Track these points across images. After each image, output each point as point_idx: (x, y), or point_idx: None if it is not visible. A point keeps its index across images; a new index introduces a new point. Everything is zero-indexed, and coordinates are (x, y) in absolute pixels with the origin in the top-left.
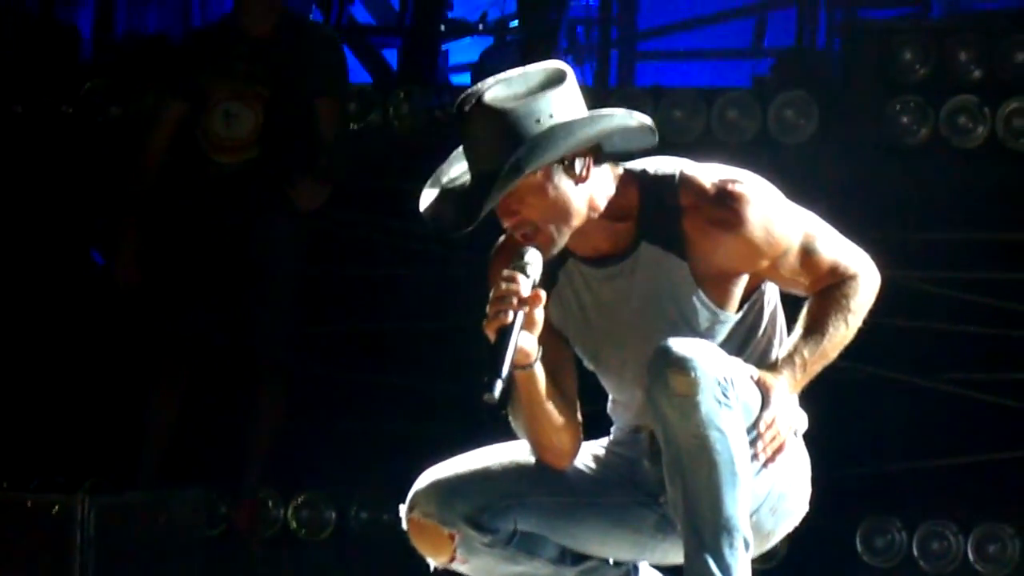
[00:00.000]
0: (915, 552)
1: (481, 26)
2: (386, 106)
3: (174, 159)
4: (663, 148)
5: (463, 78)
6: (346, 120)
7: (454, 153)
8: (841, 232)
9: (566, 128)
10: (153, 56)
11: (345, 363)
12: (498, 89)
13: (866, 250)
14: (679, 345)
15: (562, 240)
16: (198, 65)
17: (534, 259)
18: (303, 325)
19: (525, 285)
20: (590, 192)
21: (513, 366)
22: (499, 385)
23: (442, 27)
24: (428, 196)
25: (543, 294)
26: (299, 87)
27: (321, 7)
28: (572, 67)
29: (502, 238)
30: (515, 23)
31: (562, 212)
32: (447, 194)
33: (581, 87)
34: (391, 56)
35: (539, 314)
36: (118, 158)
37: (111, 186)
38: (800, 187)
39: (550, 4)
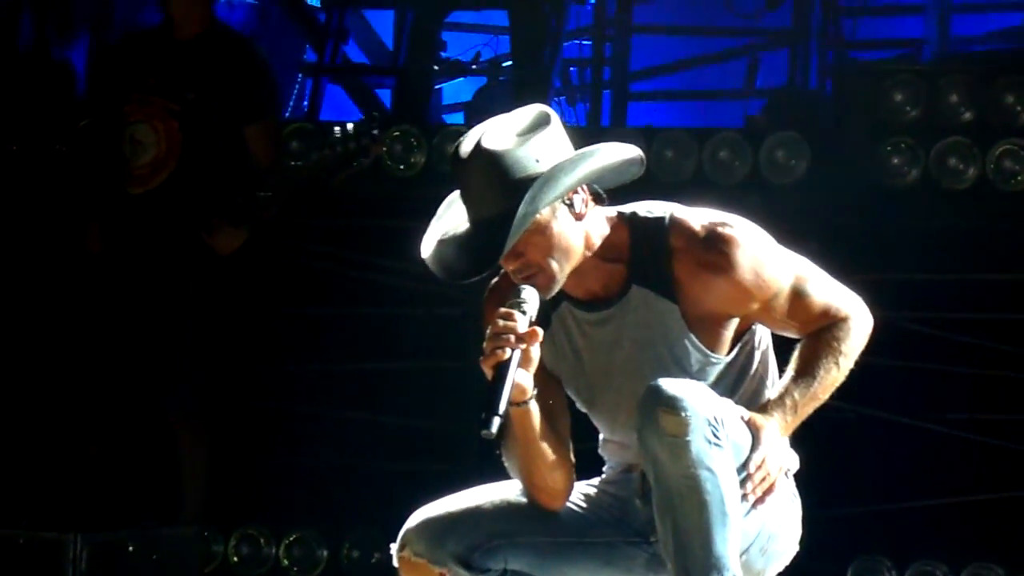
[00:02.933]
0: None
1: (474, 66)
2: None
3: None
4: (654, 188)
5: (456, 118)
6: (278, 146)
7: (449, 198)
8: (831, 273)
9: (569, 164)
10: None
11: (338, 402)
12: (492, 134)
13: (856, 291)
14: (670, 385)
15: (563, 279)
16: (116, 72)
17: (531, 297)
18: (293, 364)
19: (522, 322)
20: (587, 229)
21: (510, 402)
22: (496, 421)
23: (435, 67)
24: (429, 243)
25: (540, 331)
26: (222, 105)
27: (314, 46)
28: (565, 107)
29: (494, 281)
30: (508, 63)
31: (565, 250)
32: (450, 241)
33: (574, 127)
34: (385, 96)
35: (536, 351)
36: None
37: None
38: (791, 228)
39: (543, 45)
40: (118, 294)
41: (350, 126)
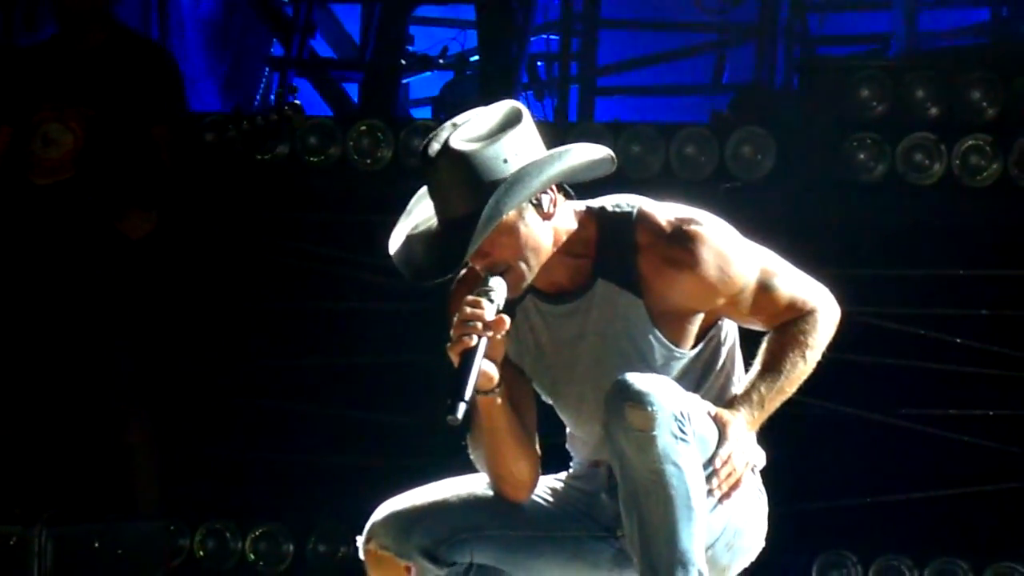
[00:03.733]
0: None
1: (442, 60)
2: (346, 140)
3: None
4: (622, 183)
5: (424, 112)
6: (182, 146)
7: (418, 194)
8: (798, 268)
9: (536, 167)
10: None
11: (303, 396)
12: (462, 133)
13: (816, 282)
14: (637, 380)
15: (531, 277)
16: (22, 86)
17: (498, 286)
18: (259, 358)
19: (489, 310)
20: (555, 227)
21: (476, 390)
22: (462, 407)
23: (403, 61)
24: (397, 241)
25: (507, 319)
26: (129, 108)
27: (281, 40)
28: (532, 102)
29: (462, 272)
30: (476, 58)
31: (533, 249)
32: (418, 238)
33: (541, 122)
34: (352, 90)
35: (502, 339)
36: None
37: None
38: (757, 223)
39: (510, 39)
40: (35, 286)
41: None
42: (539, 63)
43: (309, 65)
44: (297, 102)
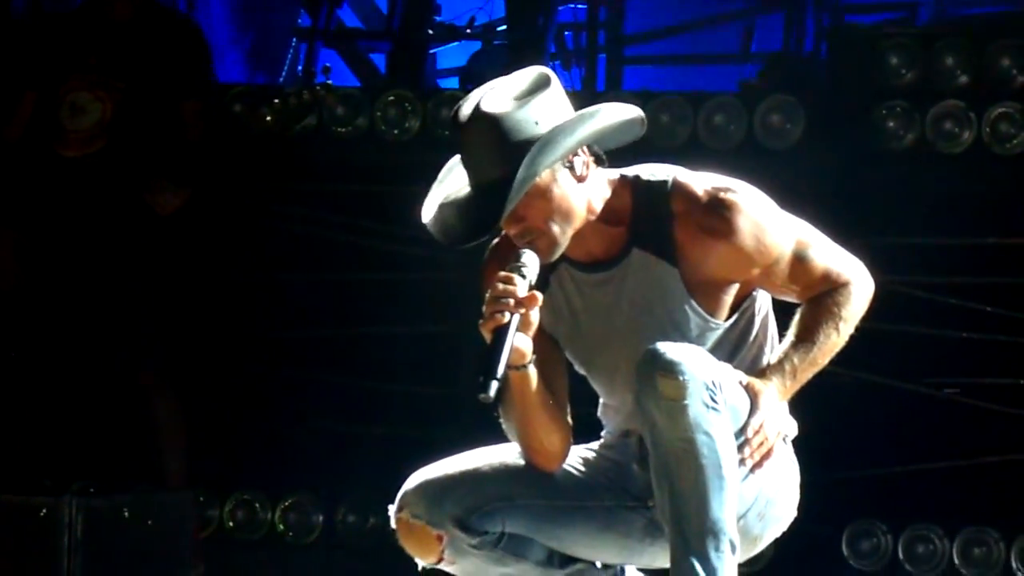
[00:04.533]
0: (901, 556)
1: (469, 30)
2: (374, 110)
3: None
4: (650, 152)
5: (451, 82)
6: (211, 122)
7: (450, 162)
8: (825, 236)
9: (568, 127)
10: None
11: (333, 367)
12: (492, 97)
13: (849, 252)
14: (668, 349)
15: (564, 242)
16: (51, 53)
17: (531, 261)
18: (288, 330)
19: (522, 286)
20: (588, 193)
21: (508, 366)
22: (495, 385)
23: (430, 31)
24: (430, 207)
25: (539, 296)
26: (159, 82)
27: (309, 11)
28: (560, 72)
29: (494, 242)
30: (503, 28)
31: (566, 213)
32: (451, 205)
33: (569, 92)
34: (379, 60)
35: (535, 315)
36: None
37: None
38: (786, 192)
39: (538, 9)
40: (62, 259)
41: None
42: (566, 32)
43: (336, 36)
44: (329, 81)
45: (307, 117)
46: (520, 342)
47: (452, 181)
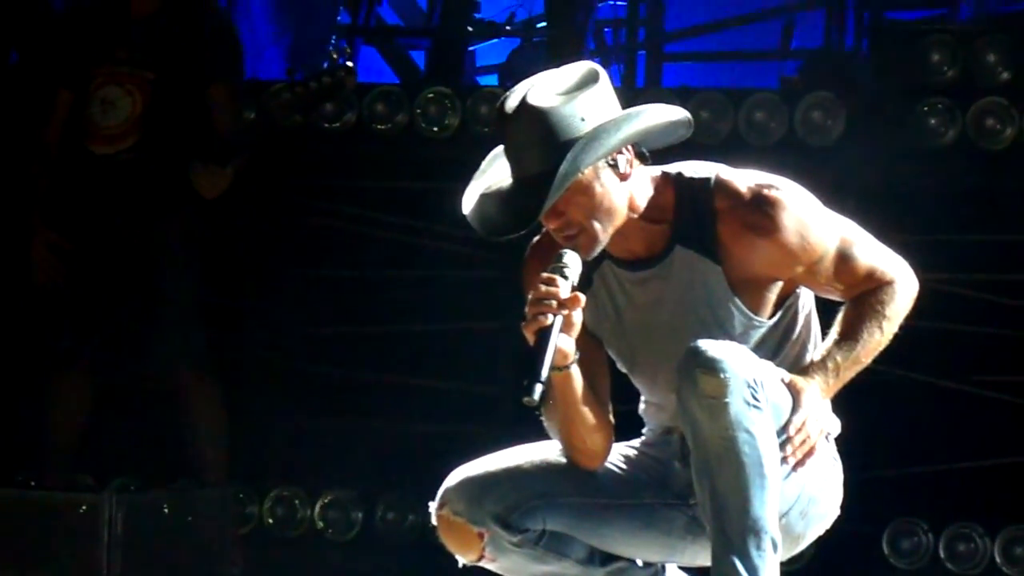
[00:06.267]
0: (942, 554)
1: (509, 27)
2: (413, 107)
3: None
4: (690, 149)
5: (491, 79)
6: (241, 106)
7: (493, 153)
8: (867, 233)
9: (613, 125)
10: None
11: (373, 364)
12: (539, 90)
13: (892, 251)
14: (710, 347)
15: (605, 239)
16: (80, 48)
17: (572, 261)
18: (328, 326)
19: (564, 287)
20: (631, 191)
21: (552, 368)
22: (539, 388)
23: (469, 28)
24: (471, 199)
25: (582, 297)
26: (188, 71)
27: (348, 8)
28: None
29: (535, 239)
30: (543, 24)
31: (608, 211)
32: (492, 197)
33: None
34: (419, 57)
35: (577, 316)
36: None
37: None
38: (827, 189)
39: (578, 5)
40: (103, 255)
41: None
42: (606, 29)
43: (376, 32)
44: (350, 64)
45: (328, 100)
46: (563, 343)
47: (494, 173)
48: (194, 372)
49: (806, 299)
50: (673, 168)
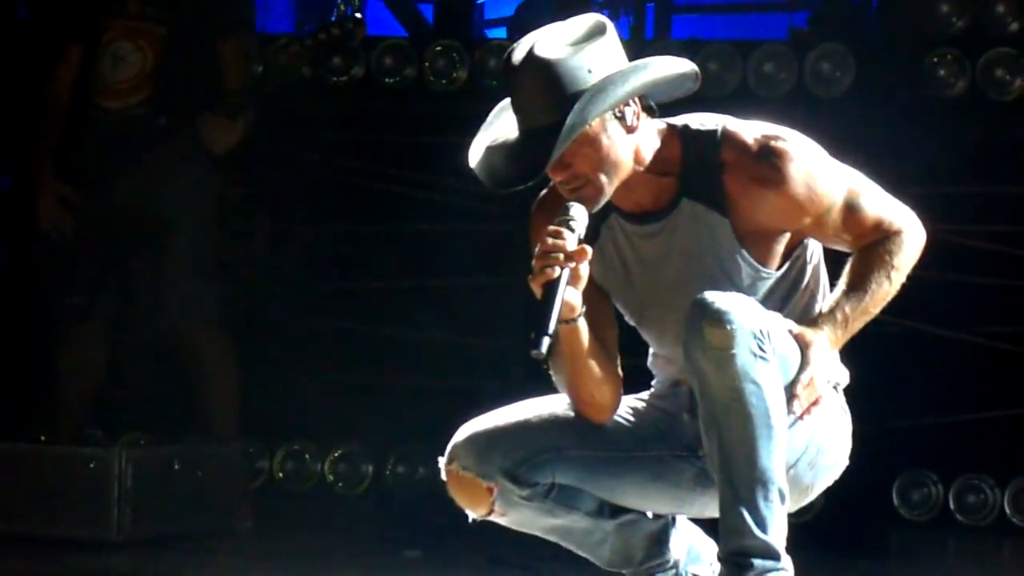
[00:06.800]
0: (951, 505)
1: None
2: (421, 61)
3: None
4: (699, 101)
5: (499, 32)
6: (251, 62)
7: (499, 106)
8: (876, 185)
9: (620, 76)
10: None
11: (382, 318)
12: (546, 42)
13: (900, 202)
14: (716, 298)
15: (610, 191)
16: (90, 2)
17: (579, 214)
18: (338, 281)
19: (571, 240)
20: (637, 143)
21: (559, 321)
22: (546, 341)
23: None
24: (477, 151)
25: (589, 249)
26: (199, 25)
27: None
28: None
29: (542, 193)
30: None
31: (613, 163)
32: (498, 149)
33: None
34: (427, 10)
35: (584, 269)
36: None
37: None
38: (836, 141)
39: None
40: (114, 211)
41: None
42: None
43: None
44: (358, 15)
45: (338, 52)
46: (570, 296)
47: (501, 125)
48: (205, 327)
49: (814, 250)
50: (679, 120)
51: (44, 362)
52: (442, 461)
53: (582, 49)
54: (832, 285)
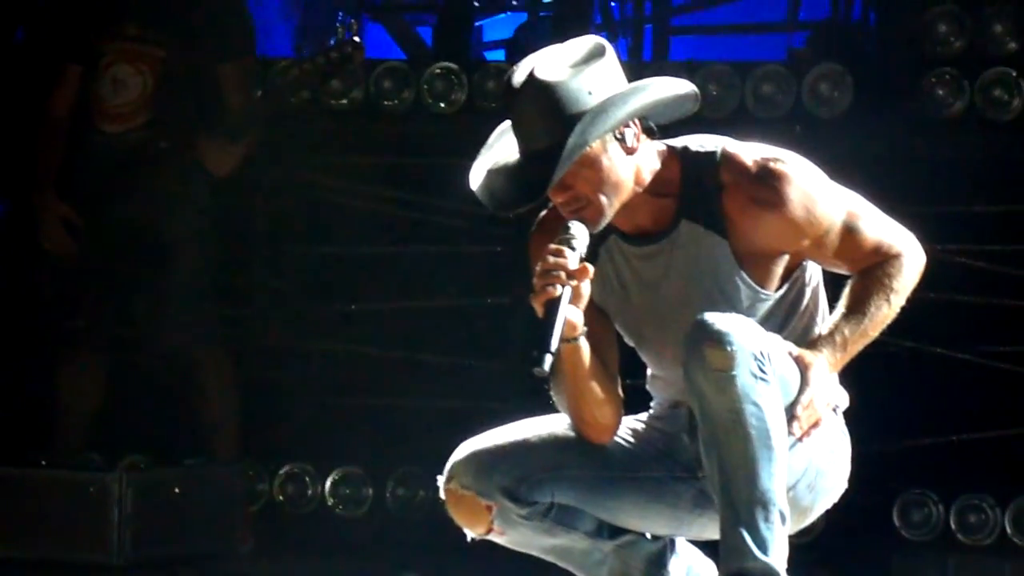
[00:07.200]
0: (952, 525)
1: (515, 2)
2: (420, 83)
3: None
4: (697, 122)
5: (497, 54)
6: (251, 86)
7: (500, 128)
8: (875, 206)
9: (620, 98)
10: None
11: (381, 340)
12: (546, 64)
13: (900, 224)
14: (716, 319)
15: (611, 213)
16: (88, 23)
17: (580, 233)
18: (337, 303)
19: (572, 259)
20: (637, 164)
21: (560, 339)
22: (548, 359)
23: (476, 3)
24: (478, 173)
25: (590, 267)
26: (199, 49)
27: None
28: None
29: (542, 214)
30: None
31: (614, 184)
32: (500, 171)
33: None
34: (425, 33)
35: (586, 287)
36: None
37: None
38: (834, 161)
39: None
40: (113, 232)
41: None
42: (613, 3)
43: (382, 8)
44: (356, 39)
45: (337, 75)
46: (572, 314)
47: (501, 147)
48: (206, 349)
49: (813, 272)
50: (679, 142)
51: (44, 386)
52: (441, 479)
53: (582, 71)
54: (831, 308)
